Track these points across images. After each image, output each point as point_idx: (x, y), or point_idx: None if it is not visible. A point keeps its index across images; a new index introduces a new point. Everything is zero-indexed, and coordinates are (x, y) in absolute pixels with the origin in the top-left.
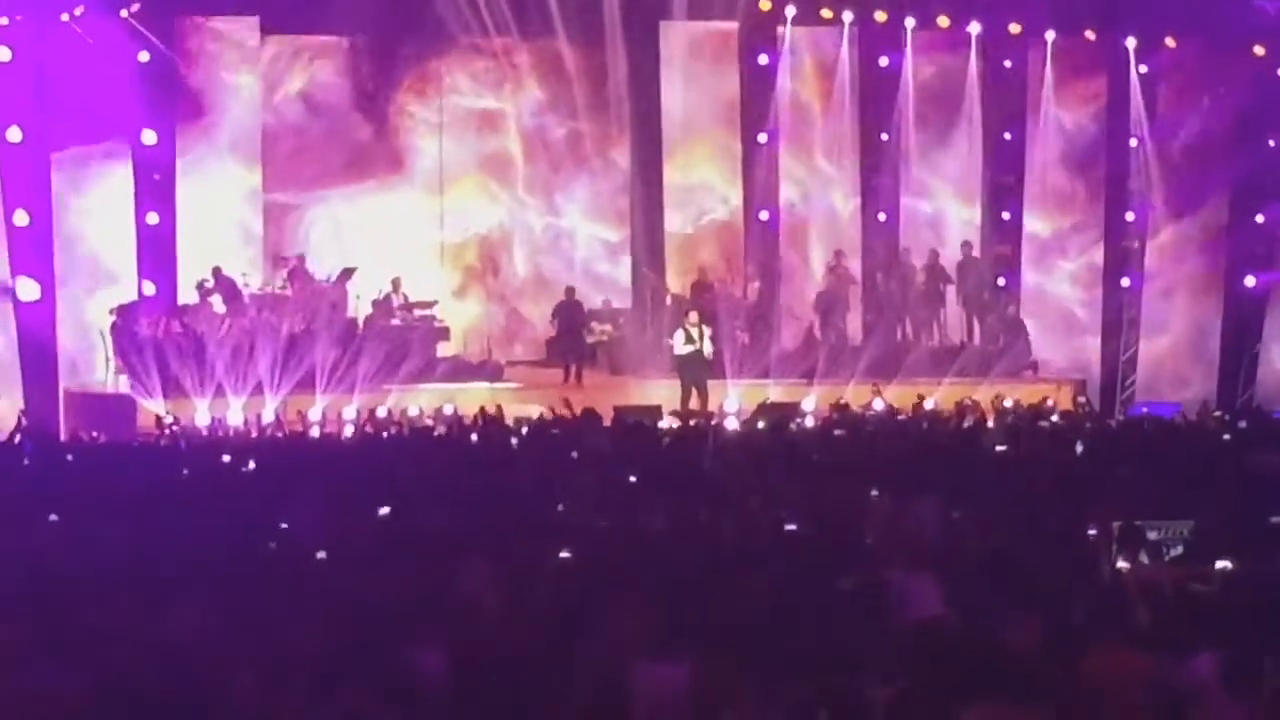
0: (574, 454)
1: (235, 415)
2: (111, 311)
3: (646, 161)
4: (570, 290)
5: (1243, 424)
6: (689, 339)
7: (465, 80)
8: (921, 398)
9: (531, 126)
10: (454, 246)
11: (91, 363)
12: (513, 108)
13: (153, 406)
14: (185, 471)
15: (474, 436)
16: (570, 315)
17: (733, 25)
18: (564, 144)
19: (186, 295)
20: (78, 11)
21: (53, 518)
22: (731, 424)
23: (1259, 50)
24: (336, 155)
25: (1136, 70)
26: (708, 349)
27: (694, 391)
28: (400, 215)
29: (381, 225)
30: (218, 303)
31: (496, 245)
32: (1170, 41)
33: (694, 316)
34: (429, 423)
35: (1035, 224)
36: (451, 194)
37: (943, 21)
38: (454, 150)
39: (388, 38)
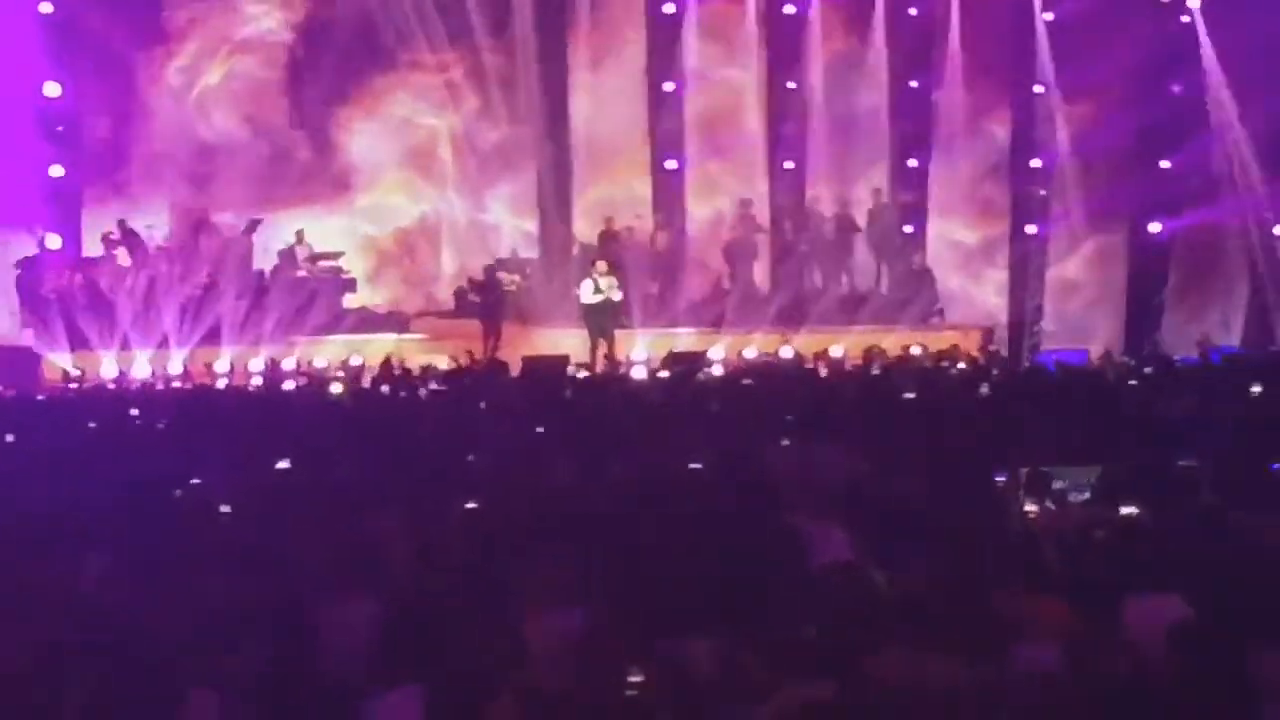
0: (482, 405)
1: (141, 368)
2: (16, 264)
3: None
4: (490, 269)
5: (1148, 370)
6: (596, 289)
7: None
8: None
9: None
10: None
11: None
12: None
13: (58, 360)
14: (91, 425)
15: (384, 388)
16: (491, 288)
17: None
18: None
19: (92, 248)
20: None
21: None
22: (639, 373)
23: None
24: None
25: (1041, 16)
26: (615, 296)
27: (601, 341)
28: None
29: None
30: (123, 255)
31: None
32: None
33: (602, 266)
34: (337, 374)
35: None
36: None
37: None
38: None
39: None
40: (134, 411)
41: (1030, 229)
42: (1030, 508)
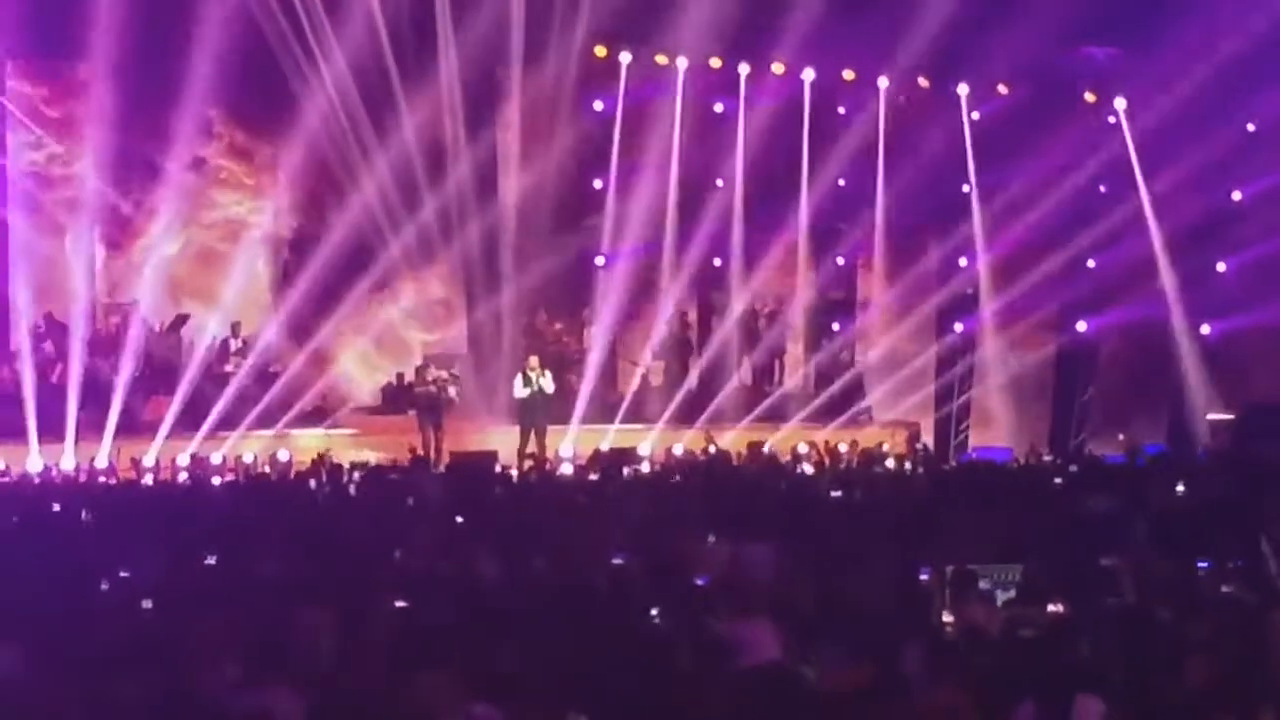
0: (409, 501)
1: (67, 462)
2: None
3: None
4: (420, 368)
5: (1074, 468)
6: (527, 382)
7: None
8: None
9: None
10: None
11: None
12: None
13: None
14: (14, 518)
15: (311, 483)
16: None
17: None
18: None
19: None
20: None
21: None
22: (567, 469)
23: (1090, 97)
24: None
25: (969, 117)
26: (548, 388)
27: (532, 436)
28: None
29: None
30: (49, 348)
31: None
32: (1002, 88)
33: (534, 361)
34: (264, 469)
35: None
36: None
37: (777, 68)
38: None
39: None
40: (56, 506)
41: (957, 327)
42: (947, 617)
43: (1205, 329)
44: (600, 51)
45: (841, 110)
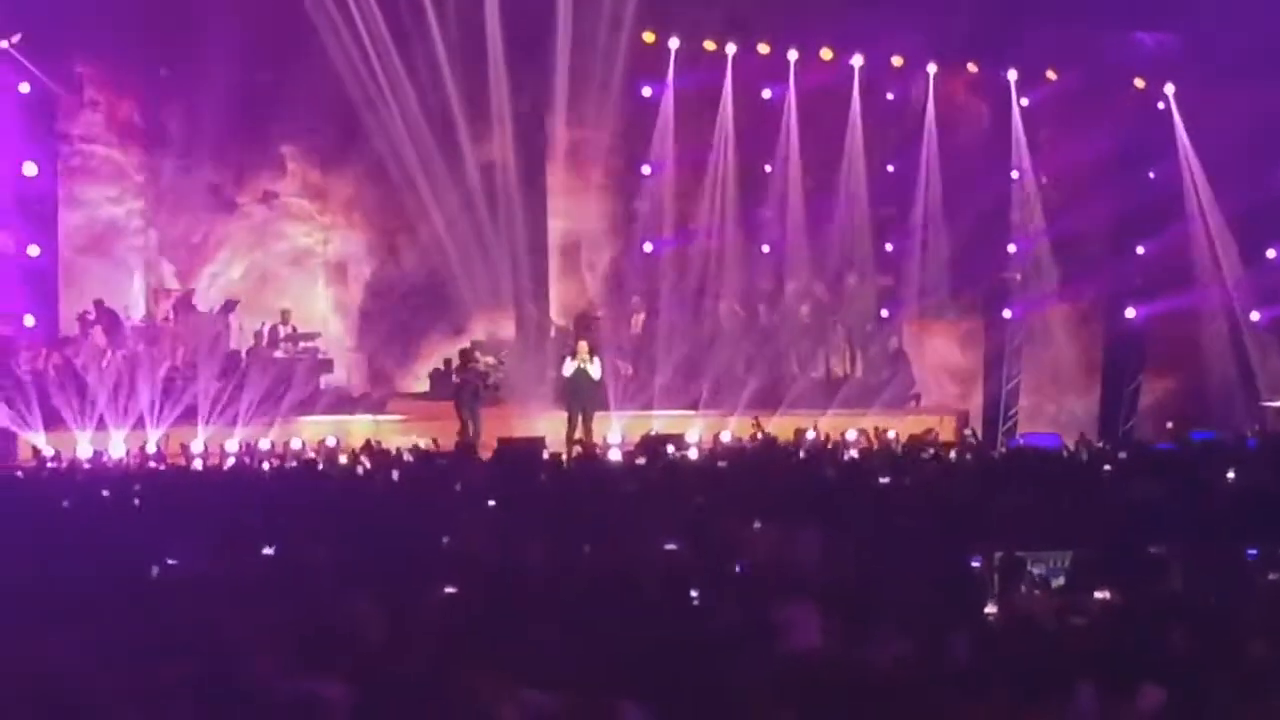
0: (457, 486)
1: (117, 448)
2: None
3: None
4: (466, 353)
5: (1123, 455)
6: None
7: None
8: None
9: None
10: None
11: None
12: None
13: (32, 439)
14: (65, 504)
15: (359, 469)
16: (470, 379)
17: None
18: None
19: (68, 327)
20: None
21: None
22: (615, 455)
23: (1139, 83)
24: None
25: (1018, 103)
26: (595, 373)
27: (580, 418)
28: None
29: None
30: (99, 335)
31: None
32: (1051, 74)
33: (583, 347)
34: (311, 455)
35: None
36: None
37: (825, 54)
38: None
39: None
40: (105, 492)
41: (1006, 313)
42: (1005, 595)
43: (1255, 316)
44: (649, 37)
45: (890, 95)
